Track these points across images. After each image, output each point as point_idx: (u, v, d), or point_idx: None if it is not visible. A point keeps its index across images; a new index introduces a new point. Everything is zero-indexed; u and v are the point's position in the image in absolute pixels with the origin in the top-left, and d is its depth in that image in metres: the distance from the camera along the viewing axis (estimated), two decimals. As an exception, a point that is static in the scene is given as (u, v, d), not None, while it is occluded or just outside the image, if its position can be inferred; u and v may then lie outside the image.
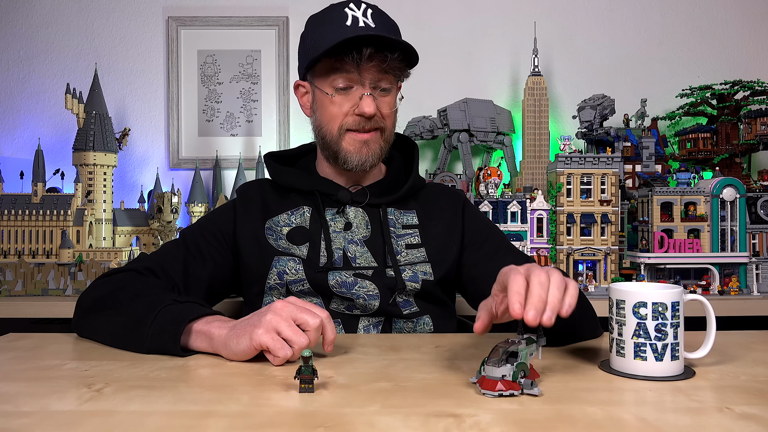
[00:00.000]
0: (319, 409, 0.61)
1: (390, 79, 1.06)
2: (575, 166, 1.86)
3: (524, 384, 0.65)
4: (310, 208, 1.12)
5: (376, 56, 1.01)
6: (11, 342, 0.92)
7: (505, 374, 0.65)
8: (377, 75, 1.04)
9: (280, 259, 1.06)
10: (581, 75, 2.30)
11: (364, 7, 1.04)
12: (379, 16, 1.05)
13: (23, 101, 2.29)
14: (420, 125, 2.14)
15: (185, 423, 0.57)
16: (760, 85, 2.02)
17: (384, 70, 1.03)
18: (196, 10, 2.29)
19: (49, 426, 0.56)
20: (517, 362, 0.65)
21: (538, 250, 1.89)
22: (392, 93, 1.08)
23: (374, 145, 1.08)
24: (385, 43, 1.01)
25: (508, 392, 0.64)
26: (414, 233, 1.11)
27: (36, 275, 1.82)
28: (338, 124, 1.07)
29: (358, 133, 1.06)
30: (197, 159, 2.24)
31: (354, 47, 1.00)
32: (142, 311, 0.85)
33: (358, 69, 1.02)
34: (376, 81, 1.05)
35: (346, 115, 1.06)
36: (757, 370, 0.75)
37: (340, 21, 1.02)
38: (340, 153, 1.08)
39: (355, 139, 1.07)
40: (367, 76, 1.03)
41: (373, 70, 1.03)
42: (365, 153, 1.07)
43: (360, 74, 1.03)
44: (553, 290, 0.68)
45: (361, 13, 1.02)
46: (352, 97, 1.05)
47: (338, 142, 1.07)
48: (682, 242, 1.80)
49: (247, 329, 0.77)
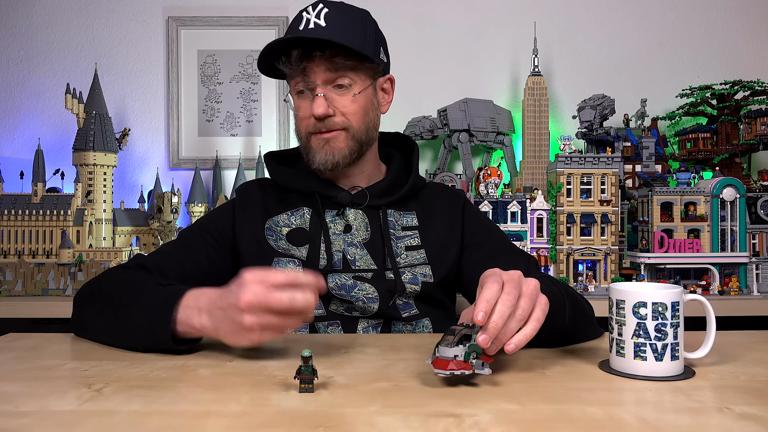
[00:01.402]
0: (319, 409, 0.61)
1: (341, 75, 1.04)
2: (575, 166, 1.86)
3: (475, 364, 0.67)
4: (310, 210, 1.11)
5: (307, 58, 1.01)
6: (11, 342, 0.92)
7: (457, 354, 0.67)
8: (324, 73, 1.03)
9: (280, 261, 1.06)
10: (581, 75, 2.30)
11: (320, 8, 1.03)
12: (335, 15, 1.03)
13: (23, 101, 2.29)
14: (420, 125, 2.14)
15: (185, 423, 0.57)
16: (760, 85, 2.02)
17: (331, 68, 1.03)
18: (196, 10, 2.29)
19: (49, 426, 0.56)
20: (469, 344, 0.68)
21: (538, 250, 1.89)
22: (352, 90, 1.06)
23: (338, 144, 1.06)
24: (316, 44, 1.01)
25: (459, 371, 0.66)
26: (414, 235, 1.11)
27: (36, 275, 1.82)
28: (304, 129, 1.08)
29: (318, 134, 1.07)
30: (197, 159, 2.24)
31: (283, 52, 1.02)
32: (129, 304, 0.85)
33: (301, 72, 1.03)
34: (328, 81, 1.04)
35: (307, 119, 1.06)
36: (757, 370, 0.75)
37: (295, 26, 1.03)
38: (309, 154, 1.09)
39: (318, 138, 1.07)
40: (313, 78, 1.03)
41: (318, 68, 1.02)
42: (327, 151, 1.06)
43: (305, 77, 1.03)
44: (511, 323, 0.70)
45: (314, 15, 1.02)
46: (308, 102, 1.06)
47: (307, 144, 1.09)
48: (682, 242, 1.80)
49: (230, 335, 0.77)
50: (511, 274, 0.74)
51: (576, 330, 0.90)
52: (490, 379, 0.71)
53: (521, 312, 0.71)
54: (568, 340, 0.89)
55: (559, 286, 0.92)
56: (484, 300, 0.69)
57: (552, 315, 0.82)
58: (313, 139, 1.07)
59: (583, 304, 0.96)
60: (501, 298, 0.70)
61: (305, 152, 1.10)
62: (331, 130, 1.06)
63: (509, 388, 0.68)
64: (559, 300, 0.86)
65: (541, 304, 0.73)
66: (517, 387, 0.68)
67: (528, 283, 0.73)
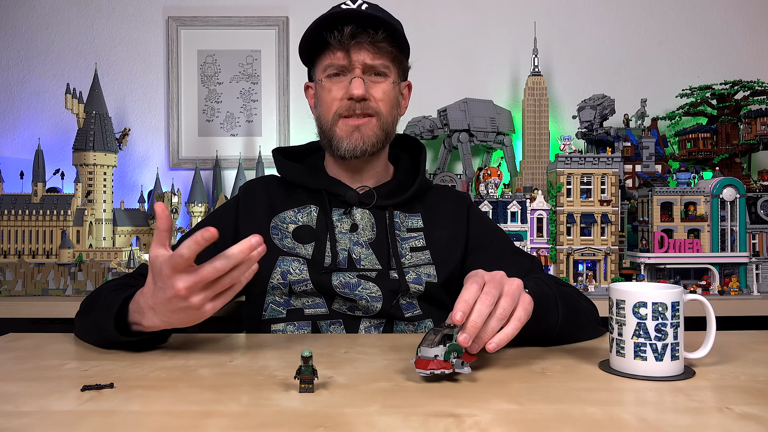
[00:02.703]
0: (319, 409, 0.61)
1: (383, 62, 1.05)
2: (575, 166, 1.86)
3: (455, 363, 0.68)
4: (317, 207, 1.11)
5: (360, 34, 1.00)
6: (11, 342, 0.92)
7: (438, 354, 0.68)
8: (367, 56, 1.02)
9: (285, 259, 1.06)
10: (581, 75, 2.30)
11: (359, 2, 1.03)
12: (377, 7, 1.04)
13: (23, 101, 2.29)
14: (420, 125, 2.14)
15: (185, 423, 0.57)
16: (760, 85, 2.02)
17: (374, 52, 1.02)
18: (196, 10, 2.29)
19: (49, 426, 0.56)
20: (450, 343, 0.69)
21: (538, 250, 1.89)
22: (388, 79, 1.06)
23: (368, 131, 1.06)
24: (369, 22, 1.00)
25: (439, 371, 0.67)
26: (419, 236, 1.11)
27: (36, 275, 1.82)
28: (333, 111, 1.06)
29: (350, 118, 1.06)
30: (197, 159, 2.24)
31: (335, 26, 0.99)
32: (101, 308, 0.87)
33: (345, 49, 1.01)
34: (367, 63, 1.03)
35: (339, 101, 1.05)
36: (757, 370, 0.75)
37: (332, 10, 1.03)
38: (333, 140, 1.08)
39: (347, 124, 1.06)
40: (356, 58, 1.02)
41: (361, 51, 1.02)
42: (356, 138, 1.06)
43: (348, 56, 1.02)
44: (492, 321, 0.71)
45: (356, 6, 1.02)
46: (344, 83, 1.05)
47: (332, 128, 1.07)
48: (682, 242, 1.80)
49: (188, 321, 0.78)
50: (493, 275, 0.74)
51: (571, 330, 0.90)
52: (490, 379, 0.71)
53: (501, 311, 0.71)
54: (562, 339, 0.89)
55: (553, 287, 0.91)
56: (463, 300, 0.69)
57: (542, 315, 0.83)
58: (341, 124, 1.06)
59: (582, 304, 0.96)
60: (480, 298, 0.70)
61: (329, 138, 1.08)
62: (363, 115, 1.05)
63: (509, 388, 0.68)
64: (550, 300, 0.86)
65: (524, 304, 0.74)
66: (517, 387, 0.68)
67: (510, 283, 0.74)
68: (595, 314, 0.99)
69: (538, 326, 0.83)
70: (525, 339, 0.87)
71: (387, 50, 1.03)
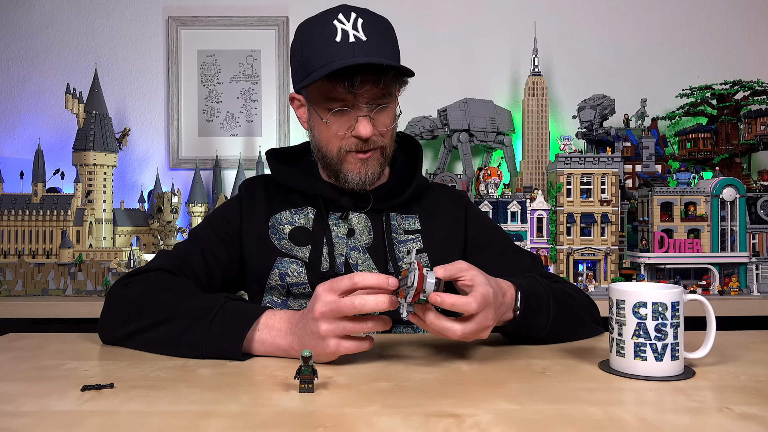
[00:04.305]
0: (319, 409, 0.61)
1: (391, 95, 1.03)
2: (575, 166, 1.86)
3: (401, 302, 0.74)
4: (313, 210, 1.11)
5: (370, 79, 0.97)
6: (11, 342, 0.92)
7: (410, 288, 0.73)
8: (372, 96, 1.00)
9: (283, 261, 1.06)
10: (581, 75, 2.30)
11: (354, 18, 0.99)
12: (371, 26, 1.00)
13: (23, 101, 2.29)
14: (420, 125, 2.14)
15: (185, 423, 0.57)
16: (760, 85, 2.02)
17: (381, 90, 1.00)
18: (196, 10, 2.29)
19: (49, 426, 0.56)
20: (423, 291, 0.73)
21: (538, 250, 1.89)
22: (390, 107, 1.05)
23: (374, 162, 1.06)
24: (378, 66, 0.97)
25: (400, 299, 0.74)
26: (416, 239, 1.11)
27: (36, 275, 1.82)
28: (337, 146, 1.04)
29: (357, 153, 1.05)
30: (197, 159, 2.24)
31: (346, 76, 0.96)
32: (196, 313, 0.84)
33: (352, 93, 0.98)
34: (372, 101, 1.01)
35: (343, 138, 1.03)
36: (757, 370, 0.75)
37: (329, 36, 0.98)
38: (341, 173, 1.06)
39: (355, 158, 1.04)
40: (362, 99, 1.00)
41: (367, 93, 0.99)
42: (365, 172, 1.05)
43: (355, 97, 0.99)
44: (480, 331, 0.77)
45: (350, 25, 0.98)
46: (348, 118, 1.02)
47: (339, 163, 1.06)
48: (682, 242, 1.80)
49: (313, 349, 0.77)
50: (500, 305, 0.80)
51: (563, 329, 0.90)
52: (490, 379, 0.71)
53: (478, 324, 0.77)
54: (554, 338, 0.90)
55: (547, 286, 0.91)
56: (482, 297, 0.74)
57: (531, 313, 0.85)
58: (349, 157, 1.04)
59: (578, 304, 0.96)
60: (478, 319, 0.75)
61: (335, 167, 1.06)
62: (369, 150, 1.04)
63: (509, 388, 0.68)
64: (542, 299, 0.87)
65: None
66: (517, 387, 0.68)
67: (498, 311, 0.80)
68: (594, 313, 0.99)
69: (527, 324, 0.85)
70: (514, 336, 0.89)
71: (390, 85, 1.00)
